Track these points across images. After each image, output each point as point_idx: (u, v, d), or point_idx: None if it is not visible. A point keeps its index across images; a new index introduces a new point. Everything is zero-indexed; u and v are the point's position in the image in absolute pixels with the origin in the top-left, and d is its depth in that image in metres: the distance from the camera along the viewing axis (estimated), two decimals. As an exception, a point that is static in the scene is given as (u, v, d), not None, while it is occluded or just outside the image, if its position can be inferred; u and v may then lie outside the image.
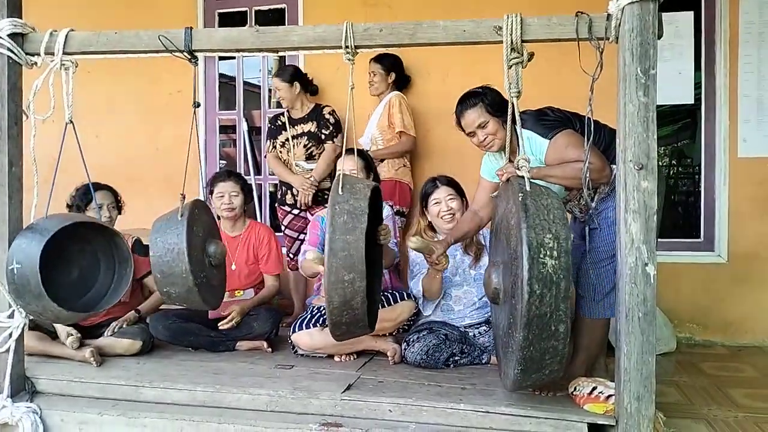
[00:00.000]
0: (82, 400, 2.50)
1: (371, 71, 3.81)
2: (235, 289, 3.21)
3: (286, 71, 3.83)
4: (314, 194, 3.68)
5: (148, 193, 4.26)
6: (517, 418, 2.15)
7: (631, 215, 1.95)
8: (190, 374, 2.62)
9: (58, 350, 2.83)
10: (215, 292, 2.70)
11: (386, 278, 3.06)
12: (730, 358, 3.50)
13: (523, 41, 2.06)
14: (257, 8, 4.42)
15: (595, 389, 2.18)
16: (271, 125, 3.93)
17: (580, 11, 2.05)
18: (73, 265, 2.48)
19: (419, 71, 4.05)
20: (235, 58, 4.46)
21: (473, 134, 2.53)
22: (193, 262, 2.40)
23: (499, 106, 2.45)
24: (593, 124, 2.12)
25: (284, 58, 4.46)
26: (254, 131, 4.56)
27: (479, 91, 2.52)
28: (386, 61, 3.80)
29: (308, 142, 3.76)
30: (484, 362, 2.79)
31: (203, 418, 2.30)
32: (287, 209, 3.85)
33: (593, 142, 2.14)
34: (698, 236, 3.92)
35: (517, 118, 2.08)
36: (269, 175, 4.48)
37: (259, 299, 3.19)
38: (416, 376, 2.59)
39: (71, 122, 2.36)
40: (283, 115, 3.88)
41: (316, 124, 3.76)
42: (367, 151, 3.54)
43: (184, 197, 2.51)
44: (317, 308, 3.00)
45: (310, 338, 2.84)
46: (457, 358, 2.75)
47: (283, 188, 3.89)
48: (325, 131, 3.73)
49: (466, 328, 2.92)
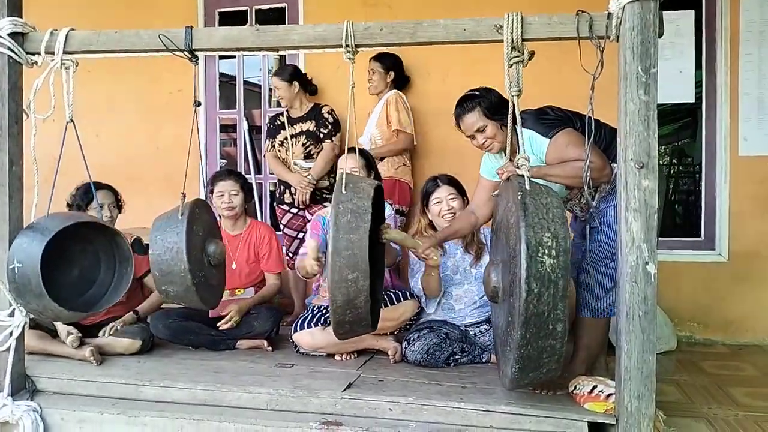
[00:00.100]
0: (82, 398, 2.50)
1: (370, 69, 3.81)
2: (235, 287, 3.21)
3: (285, 70, 3.83)
4: (312, 193, 3.68)
5: (148, 192, 4.26)
6: (517, 416, 2.16)
7: (631, 214, 1.95)
8: (190, 373, 2.62)
9: (58, 349, 2.83)
10: (214, 291, 2.70)
11: (386, 277, 3.06)
12: (730, 356, 3.50)
13: (523, 40, 2.05)
14: (257, 7, 4.41)
15: (595, 388, 2.18)
16: (270, 125, 3.94)
17: (580, 10, 2.04)
18: (73, 264, 2.48)
19: (419, 70, 4.04)
20: (235, 57, 4.46)
21: (473, 137, 2.53)
22: (192, 261, 2.41)
23: (497, 108, 2.44)
24: (594, 122, 2.12)
25: (284, 57, 4.45)
26: (255, 130, 4.55)
27: (476, 94, 2.50)
28: (385, 60, 3.80)
29: (306, 141, 3.76)
30: (484, 361, 2.79)
31: (203, 416, 2.30)
32: (286, 208, 3.85)
33: (594, 141, 2.14)
34: (699, 235, 3.92)
35: (517, 117, 2.08)
36: (269, 174, 4.48)
37: (259, 298, 3.19)
38: (417, 374, 2.59)
39: (72, 121, 2.36)
40: (282, 114, 3.88)
41: (314, 123, 3.76)
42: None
43: (184, 196, 2.51)
44: (318, 307, 3.00)
45: (311, 337, 2.84)
46: (457, 356, 2.75)
47: (281, 187, 3.89)
48: (323, 130, 3.73)
49: (466, 326, 2.92)
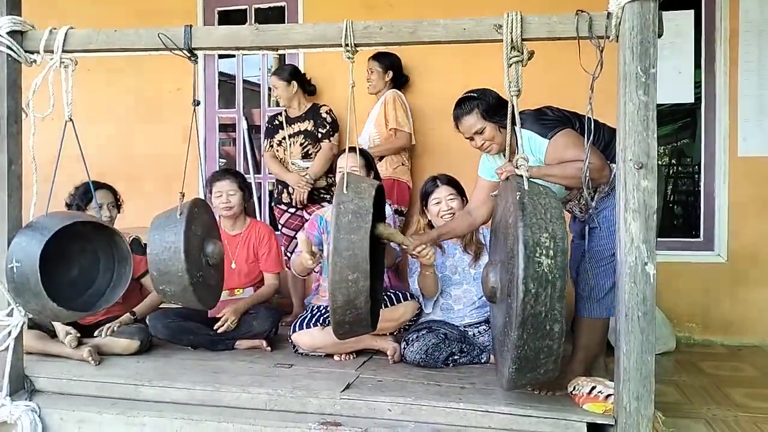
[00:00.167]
0: (81, 398, 2.49)
1: (369, 69, 3.81)
2: (234, 287, 3.20)
3: (284, 70, 3.83)
4: (310, 193, 3.68)
5: (147, 191, 4.26)
6: (516, 417, 2.15)
7: (630, 214, 1.95)
8: (189, 373, 2.62)
9: (56, 349, 2.83)
10: (212, 291, 2.70)
11: (386, 278, 3.06)
12: (729, 357, 3.50)
13: (523, 39, 2.05)
14: (257, 6, 4.41)
15: (594, 389, 2.18)
16: (268, 124, 3.94)
17: (580, 9, 2.04)
18: (72, 263, 2.48)
19: (419, 70, 4.04)
20: (234, 56, 4.46)
21: (471, 138, 2.52)
22: (189, 260, 2.40)
23: (495, 109, 2.44)
24: (592, 123, 2.11)
25: (284, 56, 4.44)
26: (254, 130, 4.55)
27: (474, 95, 2.50)
28: (384, 59, 3.80)
29: (304, 140, 3.76)
30: (483, 361, 2.79)
31: (202, 417, 2.30)
32: (284, 208, 3.86)
33: (592, 141, 2.14)
34: (698, 235, 3.92)
35: (516, 117, 2.08)
36: (269, 174, 4.48)
37: (256, 297, 3.18)
38: (415, 375, 2.59)
39: (71, 120, 2.36)
40: (280, 114, 3.88)
41: (312, 122, 3.76)
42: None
43: (183, 195, 2.51)
44: (317, 307, 3.00)
45: (310, 338, 2.84)
46: (456, 357, 2.75)
47: (279, 187, 3.89)
48: (322, 130, 3.73)
49: (465, 327, 2.91)
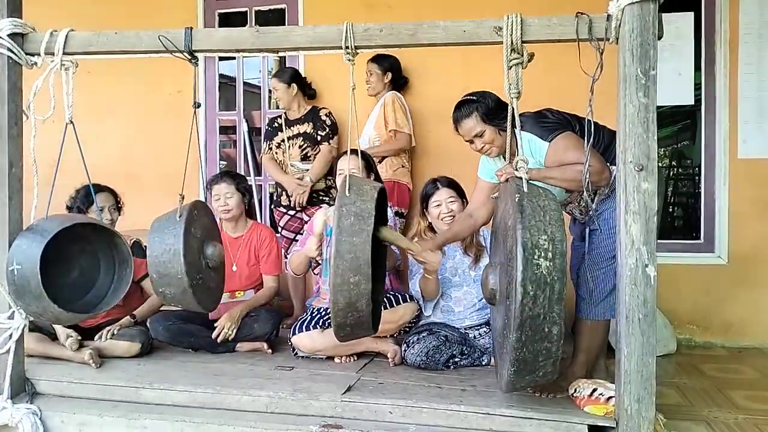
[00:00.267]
0: (82, 401, 2.49)
1: (368, 71, 3.82)
2: (235, 290, 3.20)
3: (285, 72, 3.84)
4: (309, 195, 3.68)
5: (147, 193, 4.25)
6: (517, 419, 2.15)
7: (631, 216, 1.95)
8: (190, 375, 2.62)
9: (57, 352, 2.83)
10: (212, 293, 2.69)
11: (386, 280, 3.05)
12: (730, 359, 3.50)
13: (523, 42, 2.05)
14: (257, 8, 4.42)
15: (595, 391, 2.18)
16: (268, 127, 3.95)
17: (580, 12, 2.04)
18: (73, 266, 2.48)
19: (418, 72, 4.04)
20: (235, 58, 4.46)
21: (471, 141, 2.53)
22: (189, 263, 2.40)
23: (494, 112, 2.44)
24: (592, 125, 2.11)
25: (284, 58, 4.46)
26: (254, 132, 4.55)
27: (473, 99, 2.50)
28: (383, 61, 3.80)
29: (303, 143, 3.76)
30: (484, 364, 2.79)
31: (203, 419, 2.30)
32: (283, 210, 3.86)
33: (592, 143, 2.14)
34: (698, 237, 3.92)
35: (516, 119, 2.08)
36: (269, 176, 4.48)
37: (254, 301, 3.16)
38: (416, 377, 2.59)
39: (71, 122, 2.36)
40: (280, 116, 3.89)
41: (312, 125, 3.77)
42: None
43: (182, 198, 2.51)
44: (317, 310, 3.00)
45: (310, 340, 2.84)
46: (457, 359, 2.75)
47: (279, 189, 3.90)
48: (321, 132, 3.73)
49: (466, 329, 2.91)
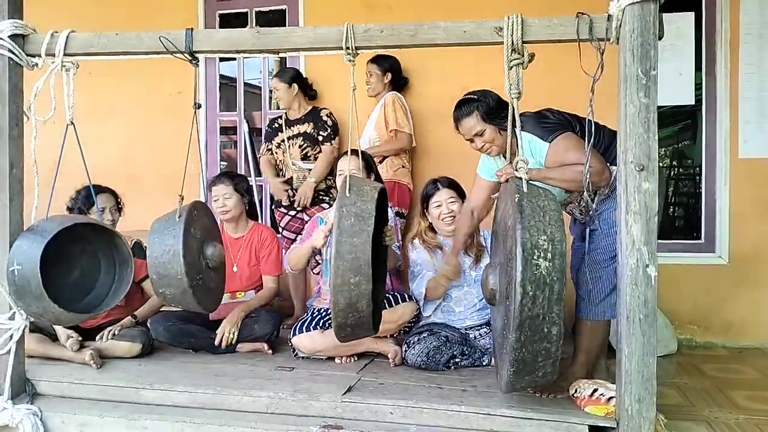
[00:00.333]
0: (82, 402, 2.49)
1: (368, 72, 3.82)
2: (236, 290, 3.20)
3: (286, 73, 3.85)
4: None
5: (148, 194, 4.24)
6: (517, 420, 2.15)
7: (632, 216, 1.95)
8: (190, 376, 2.62)
9: (58, 352, 2.83)
10: (212, 294, 2.69)
11: (387, 280, 3.05)
12: (731, 359, 3.50)
13: (523, 42, 2.05)
14: (258, 9, 4.42)
15: (596, 391, 2.18)
16: (268, 128, 3.95)
17: (580, 12, 2.04)
18: (73, 266, 2.48)
19: (418, 72, 4.04)
20: (235, 59, 4.46)
21: (471, 140, 2.53)
22: (188, 263, 2.40)
23: (495, 111, 2.44)
24: (593, 125, 2.11)
25: (285, 59, 4.46)
26: (255, 132, 4.55)
27: (474, 97, 2.50)
28: (382, 62, 3.81)
29: (303, 142, 3.77)
30: (485, 364, 2.79)
31: (204, 420, 2.30)
32: (284, 211, 3.86)
33: (593, 143, 2.14)
34: (699, 237, 3.92)
35: (516, 120, 2.08)
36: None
37: (254, 302, 3.16)
38: (417, 378, 2.59)
39: (72, 124, 2.36)
40: (280, 117, 3.89)
41: (312, 125, 3.77)
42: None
43: (182, 198, 2.51)
44: (317, 310, 3.00)
45: (310, 341, 2.84)
46: (457, 359, 2.75)
47: (279, 190, 3.90)
48: (323, 133, 3.73)
49: (466, 329, 2.91)
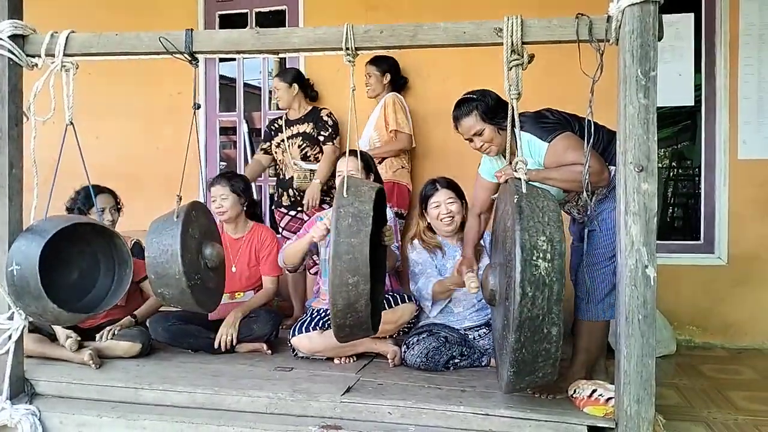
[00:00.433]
0: (81, 402, 2.49)
1: (367, 73, 3.82)
2: (235, 291, 3.20)
3: (288, 73, 3.86)
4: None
5: (148, 195, 4.25)
6: (516, 420, 2.15)
7: (631, 217, 1.95)
8: (189, 376, 2.62)
9: (57, 352, 2.83)
10: (211, 294, 2.69)
11: (386, 281, 3.05)
12: (729, 360, 3.50)
13: (523, 43, 2.06)
14: (258, 10, 4.42)
15: (594, 392, 2.18)
16: (267, 128, 3.95)
17: (580, 13, 2.05)
18: (72, 266, 2.48)
19: (418, 72, 4.05)
20: (235, 59, 4.46)
21: (471, 140, 2.53)
22: (186, 263, 2.40)
23: (494, 111, 2.43)
24: (592, 126, 2.11)
25: (285, 60, 4.47)
26: (254, 133, 4.56)
27: (474, 97, 2.49)
28: (381, 63, 3.81)
29: (303, 142, 3.77)
30: (483, 365, 2.79)
31: (203, 420, 2.30)
32: (284, 211, 3.86)
33: (591, 144, 2.14)
34: (698, 238, 3.92)
35: (516, 120, 2.08)
36: (269, 177, 4.49)
37: (253, 303, 3.15)
38: (416, 378, 2.59)
39: (71, 124, 2.36)
40: (280, 118, 3.89)
41: (312, 125, 3.77)
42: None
43: (180, 199, 2.51)
44: (317, 311, 3.00)
45: (309, 341, 2.84)
46: (456, 360, 2.75)
47: (279, 190, 3.90)
48: (324, 133, 3.73)
49: (466, 330, 2.91)
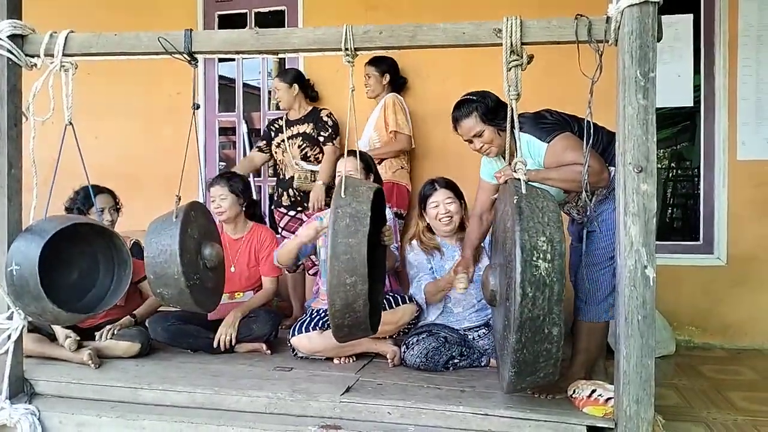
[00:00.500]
0: (80, 401, 2.49)
1: (366, 74, 3.82)
2: (235, 291, 3.20)
3: (288, 73, 3.86)
4: (309, 195, 3.64)
5: (147, 195, 4.25)
6: (516, 420, 2.15)
7: (630, 218, 1.95)
8: (189, 376, 2.62)
9: (56, 352, 2.83)
10: (210, 294, 2.69)
11: (386, 281, 3.05)
12: (729, 361, 3.50)
13: (522, 44, 2.06)
14: (257, 10, 4.42)
15: (594, 392, 2.18)
16: (267, 128, 3.95)
17: (579, 14, 2.05)
18: (72, 266, 2.48)
19: (418, 73, 4.05)
20: (234, 60, 4.47)
21: (470, 141, 2.53)
22: (185, 263, 2.40)
23: (494, 112, 2.43)
24: (591, 126, 2.12)
25: (284, 60, 4.47)
26: (254, 133, 4.56)
27: (473, 98, 2.49)
28: (380, 63, 3.81)
29: (302, 142, 3.77)
30: (483, 365, 2.79)
31: (202, 420, 2.30)
32: (283, 211, 3.86)
33: (591, 144, 2.14)
34: (697, 239, 3.92)
35: (515, 121, 2.08)
36: (268, 177, 4.49)
37: (252, 303, 3.15)
38: (415, 378, 2.59)
39: (71, 124, 2.36)
40: (281, 118, 3.89)
41: (312, 125, 3.77)
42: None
43: (179, 199, 2.51)
44: (316, 311, 3.00)
45: (309, 341, 2.84)
46: (456, 360, 2.75)
47: (279, 190, 3.90)
48: (324, 133, 3.73)
49: (465, 330, 2.91)
